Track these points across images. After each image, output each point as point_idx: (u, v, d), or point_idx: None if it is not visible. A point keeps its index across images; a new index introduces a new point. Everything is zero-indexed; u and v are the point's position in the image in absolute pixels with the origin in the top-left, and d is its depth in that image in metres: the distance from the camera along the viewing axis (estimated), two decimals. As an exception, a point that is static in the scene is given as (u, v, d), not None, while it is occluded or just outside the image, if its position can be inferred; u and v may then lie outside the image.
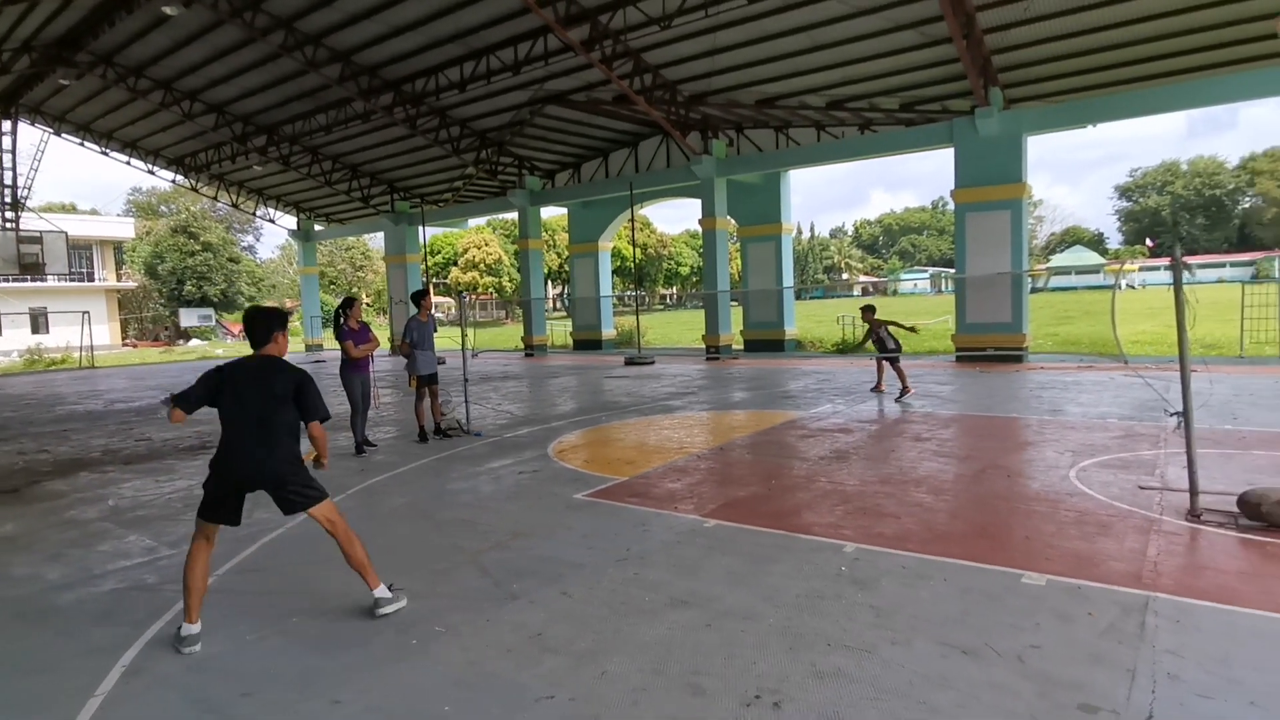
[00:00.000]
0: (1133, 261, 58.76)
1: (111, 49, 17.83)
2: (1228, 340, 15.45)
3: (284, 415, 3.73)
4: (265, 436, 3.69)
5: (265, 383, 3.73)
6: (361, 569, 3.80)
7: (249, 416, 3.70)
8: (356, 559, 3.78)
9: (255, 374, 3.76)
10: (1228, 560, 4.06)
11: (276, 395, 3.71)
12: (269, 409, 3.70)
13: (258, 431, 3.69)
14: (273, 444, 3.69)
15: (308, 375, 3.85)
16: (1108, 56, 13.78)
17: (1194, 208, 75.05)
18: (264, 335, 3.86)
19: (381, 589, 3.81)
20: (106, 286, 42.12)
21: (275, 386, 3.73)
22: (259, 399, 3.70)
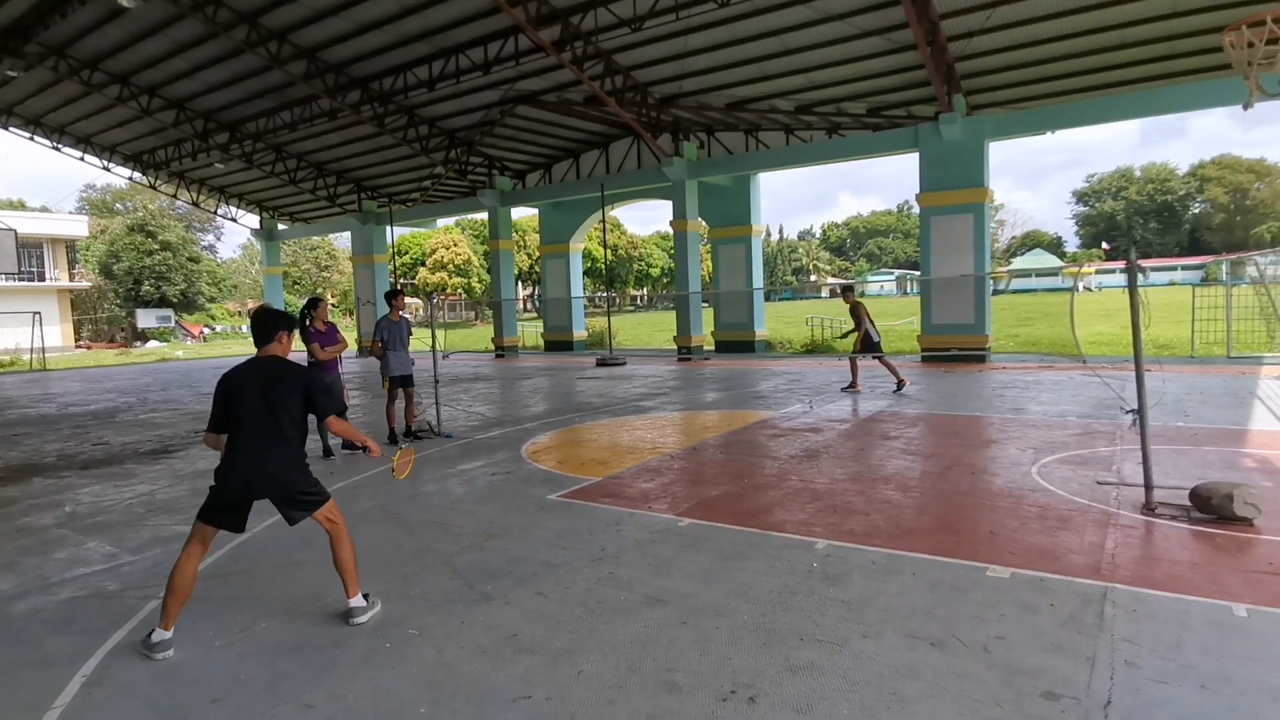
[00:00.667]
0: (1090, 265, 60.42)
1: (63, 41, 17.28)
2: (1179, 341, 15.97)
3: (288, 417, 3.64)
4: (269, 440, 3.60)
5: (268, 385, 3.65)
6: (345, 574, 3.74)
7: (253, 420, 3.61)
8: (344, 561, 3.73)
9: (257, 377, 3.69)
10: (1180, 551, 4.22)
11: (280, 397, 3.64)
12: (272, 411, 3.61)
13: (262, 435, 3.60)
14: (277, 447, 3.61)
15: (312, 373, 3.81)
16: (1066, 65, 14.19)
17: (1147, 213, 77.43)
18: (268, 335, 3.79)
19: (359, 599, 3.75)
20: (59, 286, 40.83)
21: (279, 388, 3.65)
22: (262, 402, 3.62)
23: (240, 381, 3.67)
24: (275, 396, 3.62)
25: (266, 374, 3.69)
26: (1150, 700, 2.70)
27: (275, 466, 3.59)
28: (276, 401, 3.62)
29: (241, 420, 3.61)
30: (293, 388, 3.67)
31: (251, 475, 3.57)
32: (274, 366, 3.72)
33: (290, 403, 3.64)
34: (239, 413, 3.62)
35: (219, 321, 51.28)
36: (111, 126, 22.74)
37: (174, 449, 8.90)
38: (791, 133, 18.20)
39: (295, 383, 3.68)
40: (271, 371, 3.70)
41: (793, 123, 17.81)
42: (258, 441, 3.59)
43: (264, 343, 3.80)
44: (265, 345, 3.79)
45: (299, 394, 3.67)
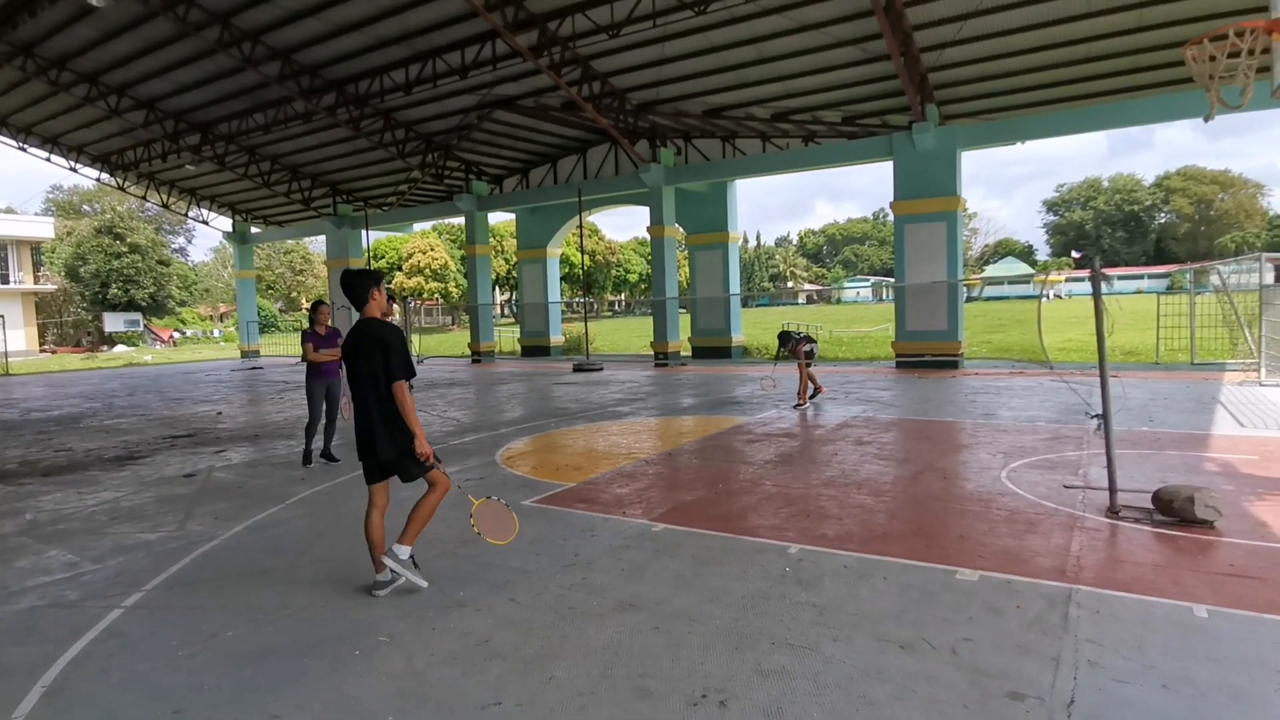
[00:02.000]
0: (1059, 273, 61.53)
1: (31, 40, 16.94)
2: (1145, 348, 16.33)
3: (387, 374, 3.89)
4: (369, 401, 3.91)
5: (362, 344, 3.93)
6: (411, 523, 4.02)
7: (362, 382, 3.93)
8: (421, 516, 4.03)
9: (355, 337, 3.99)
10: (1143, 554, 4.30)
11: (370, 361, 3.90)
12: (368, 372, 3.90)
13: (373, 398, 3.91)
14: (374, 408, 3.90)
15: (397, 335, 3.99)
16: (1036, 78, 14.49)
17: (1115, 222, 79.11)
18: (363, 296, 4.06)
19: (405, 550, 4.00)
20: (23, 289, 39.89)
21: (369, 352, 3.91)
22: (363, 362, 3.92)
23: (354, 342, 4.00)
24: (371, 355, 3.91)
25: (364, 334, 3.97)
26: (1113, 700, 2.74)
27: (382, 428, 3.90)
28: (372, 360, 3.90)
29: (355, 382, 3.96)
30: (378, 348, 3.91)
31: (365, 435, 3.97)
32: (369, 326, 4.00)
33: (379, 364, 3.90)
34: (352, 375, 3.97)
35: (189, 326, 50.40)
36: (79, 126, 22.30)
37: (140, 455, 8.72)
38: (768, 140, 18.35)
39: (378, 341, 3.92)
40: (367, 332, 3.97)
41: (769, 130, 17.97)
42: (366, 403, 3.93)
43: (360, 305, 4.07)
44: (362, 306, 4.07)
45: (379, 351, 3.91)
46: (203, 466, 7.92)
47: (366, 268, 4.32)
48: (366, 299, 4.06)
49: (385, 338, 3.92)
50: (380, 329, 3.98)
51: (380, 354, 3.88)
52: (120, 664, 3.36)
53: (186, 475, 7.49)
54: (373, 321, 4.05)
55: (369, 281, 4.07)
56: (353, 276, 4.09)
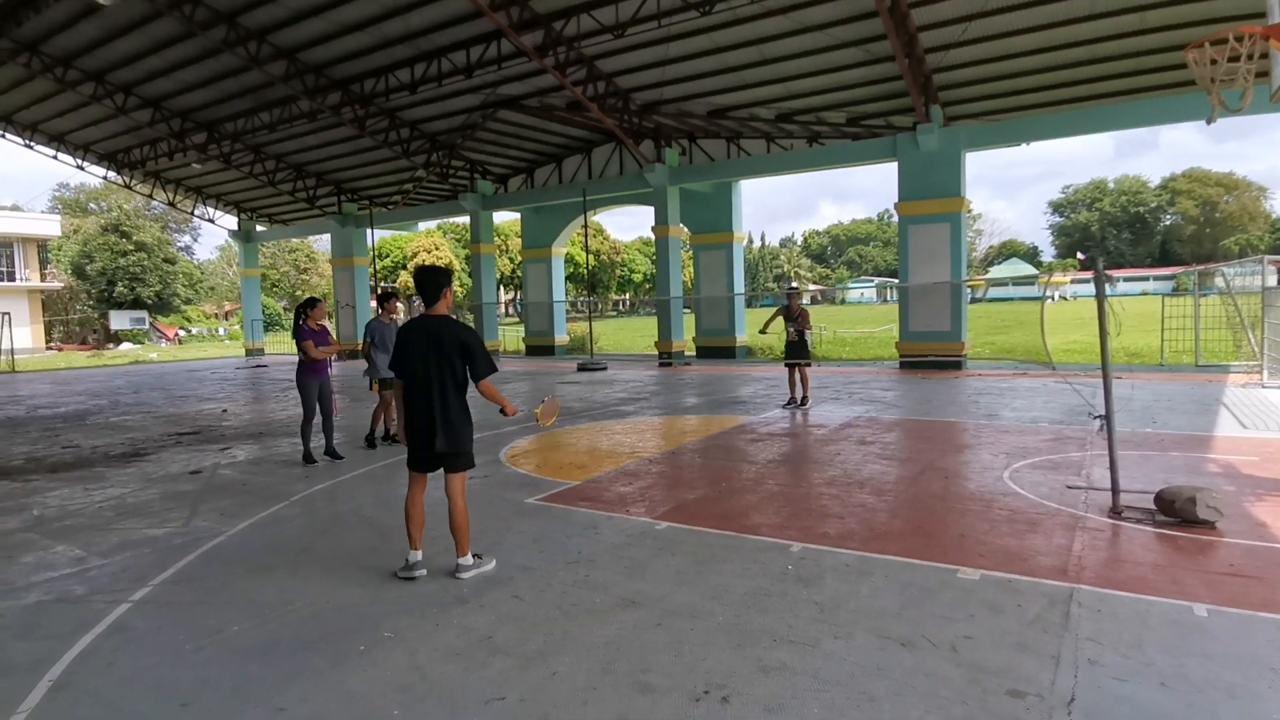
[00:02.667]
0: (1063, 274, 61.38)
1: (36, 37, 16.99)
2: (1149, 349, 16.29)
3: (456, 373, 4.06)
4: (432, 394, 4.04)
5: (436, 341, 4.04)
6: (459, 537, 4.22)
7: (427, 377, 4.05)
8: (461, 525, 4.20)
9: (426, 332, 4.09)
10: (1144, 554, 4.31)
11: (448, 354, 4.02)
12: (444, 369, 4.03)
13: (435, 392, 4.05)
14: (447, 404, 4.05)
15: (476, 335, 4.13)
16: (1040, 79, 14.47)
17: (1120, 224, 78.88)
18: (434, 293, 4.16)
19: (467, 558, 4.23)
20: (29, 287, 40.04)
21: (438, 348, 4.03)
22: (433, 359, 4.04)
23: (418, 336, 4.11)
24: (441, 353, 4.03)
25: (436, 331, 4.08)
26: (1112, 697, 2.76)
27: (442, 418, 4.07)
28: (442, 357, 4.03)
29: (415, 376, 4.08)
30: (456, 344, 4.05)
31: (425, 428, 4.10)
32: (442, 324, 4.11)
33: (453, 359, 4.04)
34: (413, 368, 4.09)
35: (195, 324, 50.56)
36: (85, 125, 22.38)
37: (146, 452, 8.77)
38: (772, 140, 18.36)
39: (457, 340, 4.06)
40: (440, 329, 4.09)
41: (773, 131, 17.97)
42: (427, 395, 4.06)
43: (432, 302, 4.18)
44: (433, 304, 4.18)
45: (460, 351, 4.06)
46: (208, 464, 7.96)
47: (442, 266, 4.43)
48: (439, 296, 4.17)
49: (466, 340, 4.09)
50: (459, 330, 4.12)
51: (459, 355, 4.07)
52: (126, 658, 3.39)
53: (192, 472, 7.53)
54: (447, 320, 4.16)
55: (445, 279, 4.21)
56: (431, 273, 4.20)
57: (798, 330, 10.51)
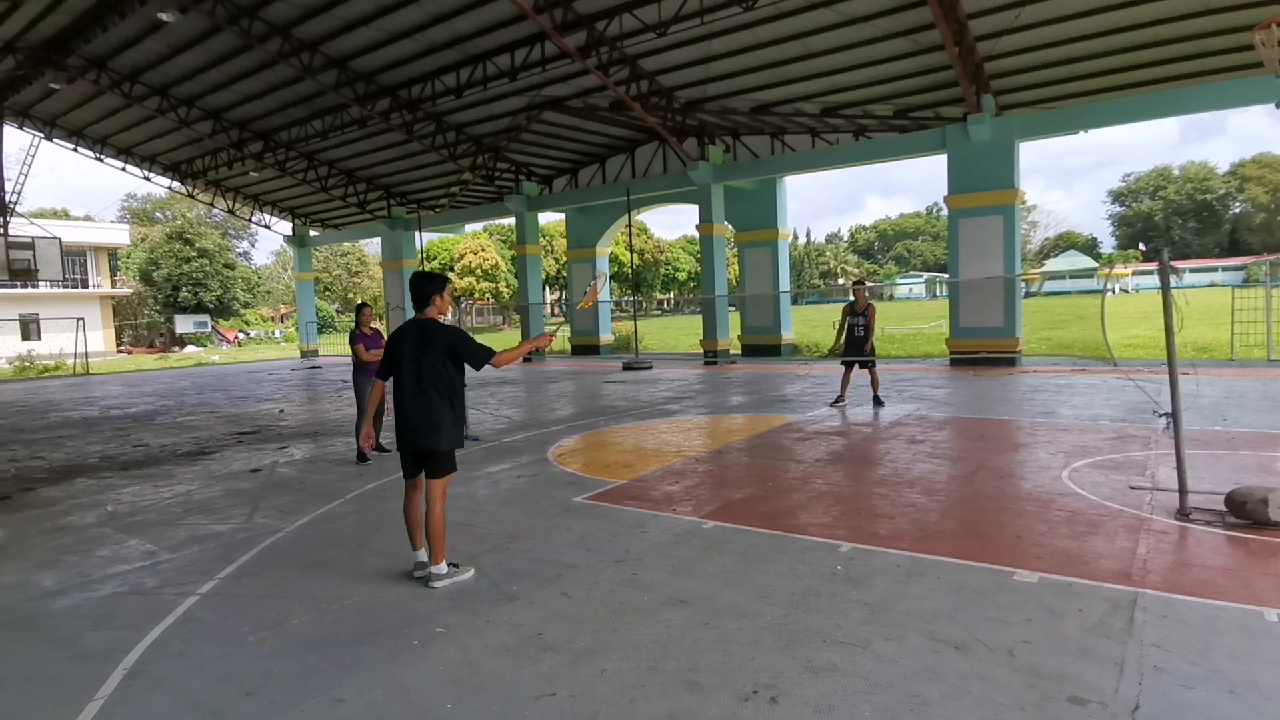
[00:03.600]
0: (1124, 266, 59.09)
1: (104, 53, 17.81)
2: (1219, 344, 15.57)
3: (439, 375, 4.10)
4: (422, 397, 4.09)
5: (422, 344, 4.11)
6: (433, 544, 4.21)
7: (410, 378, 4.12)
8: (438, 532, 4.20)
9: (414, 337, 4.17)
10: (1214, 557, 4.13)
11: (432, 356, 4.08)
12: (425, 370, 4.08)
13: (416, 392, 4.10)
14: (429, 404, 4.08)
15: (458, 330, 4.19)
16: (1098, 64, 13.94)
17: (1186, 212, 75.49)
18: (422, 299, 4.24)
19: (441, 566, 4.22)
20: (101, 293, 41.99)
21: (430, 348, 4.10)
22: (416, 361, 4.11)
23: (404, 340, 4.19)
24: (427, 355, 4.10)
25: (421, 334, 4.16)
26: (1178, 705, 2.66)
27: (425, 419, 4.09)
28: (428, 360, 4.09)
29: (400, 378, 4.16)
30: (441, 346, 4.11)
31: (408, 430, 4.14)
32: (427, 327, 4.17)
33: (439, 360, 4.09)
34: (399, 371, 4.17)
35: (252, 326, 52.33)
36: (152, 137, 23.38)
37: (210, 451, 9.13)
38: (817, 135, 18.11)
39: (443, 341, 4.12)
40: (424, 332, 4.15)
41: (818, 125, 17.73)
42: (411, 398, 4.12)
43: (421, 307, 4.25)
44: (423, 309, 4.25)
45: (447, 351, 4.11)
46: (267, 462, 8.24)
47: (436, 273, 4.44)
48: (429, 302, 4.23)
49: (452, 341, 4.12)
50: (445, 332, 4.16)
51: (447, 356, 4.10)
52: (195, 648, 3.54)
53: (252, 470, 7.81)
54: (431, 323, 4.21)
55: (436, 286, 4.26)
56: (422, 279, 4.29)
57: (864, 326, 10.08)
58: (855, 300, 10.26)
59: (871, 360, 10.27)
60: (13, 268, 22.45)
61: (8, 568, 4.90)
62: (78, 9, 15.62)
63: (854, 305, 10.24)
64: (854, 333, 10.15)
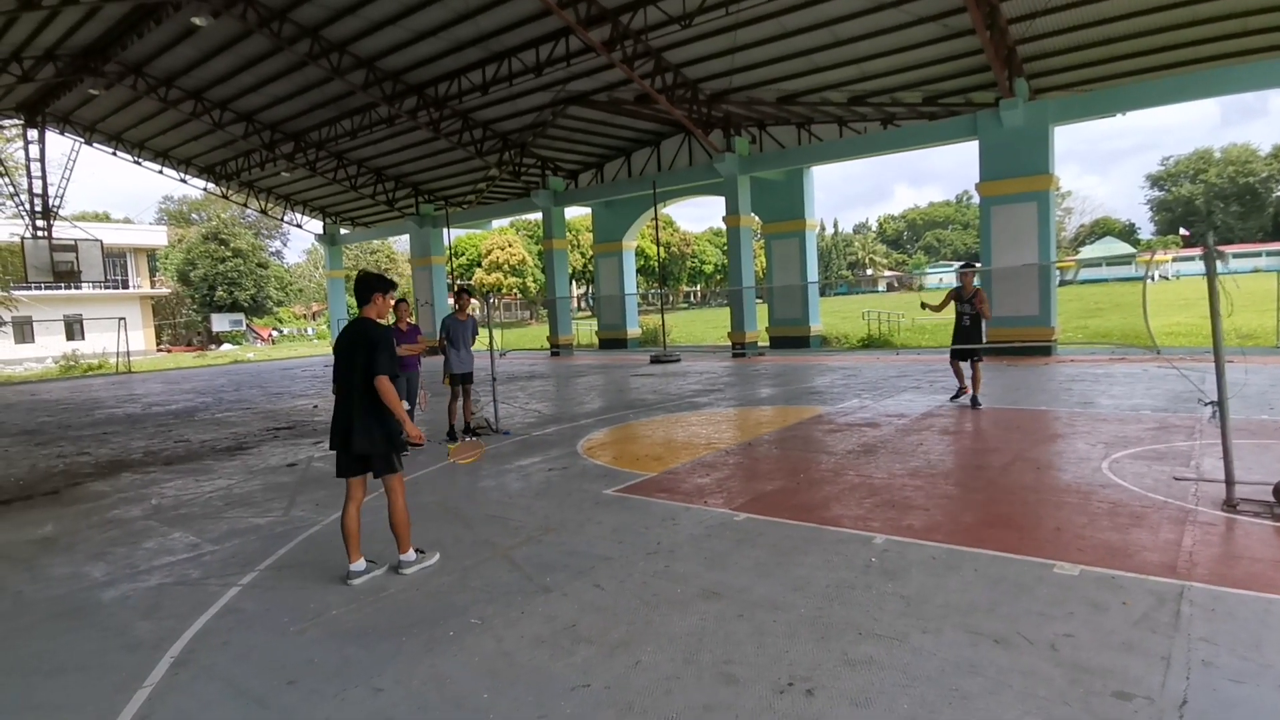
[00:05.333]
0: (1165, 251, 57.49)
1: (140, 59, 18.23)
2: (1264, 330, 15.11)
3: (361, 377, 4.11)
4: (349, 395, 4.13)
5: (352, 342, 4.18)
6: (399, 534, 4.32)
7: (342, 376, 4.19)
8: (401, 522, 4.29)
9: (347, 335, 4.23)
10: (1263, 549, 4.01)
11: (359, 356, 4.12)
12: (349, 367, 4.14)
13: (347, 391, 4.15)
14: (357, 405, 4.11)
15: (383, 334, 4.15)
16: (1136, 44, 13.54)
17: (1228, 196, 73.14)
18: (362, 297, 4.29)
19: (409, 553, 4.35)
20: (141, 293, 43.09)
21: (353, 351, 4.14)
22: (348, 359, 4.18)
23: (341, 339, 4.26)
24: (354, 353, 4.14)
25: (352, 332, 4.21)
26: (1227, 700, 2.59)
27: (357, 421, 4.11)
28: (355, 358, 4.13)
29: (336, 376, 4.24)
30: (363, 345, 4.12)
31: (340, 428, 4.18)
32: (358, 325, 4.22)
33: (361, 361, 4.10)
34: (336, 369, 4.25)
35: (286, 324, 53.30)
36: (186, 140, 23.90)
37: (248, 446, 9.32)
38: (845, 125, 17.89)
39: (364, 340, 4.13)
40: (356, 330, 4.21)
41: (846, 114, 17.50)
42: (344, 396, 4.17)
43: (361, 304, 4.30)
44: (362, 307, 4.29)
45: (364, 350, 4.11)
46: (303, 457, 8.40)
47: (381, 274, 4.45)
48: (368, 300, 4.27)
49: (371, 337, 4.11)
50: (369, 328, 4.16)
51: (364, 351, 4.09)
52: (239, 638, 3.62)
53: (289, 465, 7.96)
54: (365, 321, 4.23)
55: (376, 286, 4.28)
56: (369, 276, 4.32)
57: (971, 314, 9.10)
58: (963, 286, 9.23)
59: (978, 355, 9.21)
60: (57, 269, 23.17)
61: (59, 560, 5.06)
62: (114, 16, 16.00)
63: (960, 291, 9.22)
64: (961, 321, 9.22)
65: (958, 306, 9.28)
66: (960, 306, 9.24)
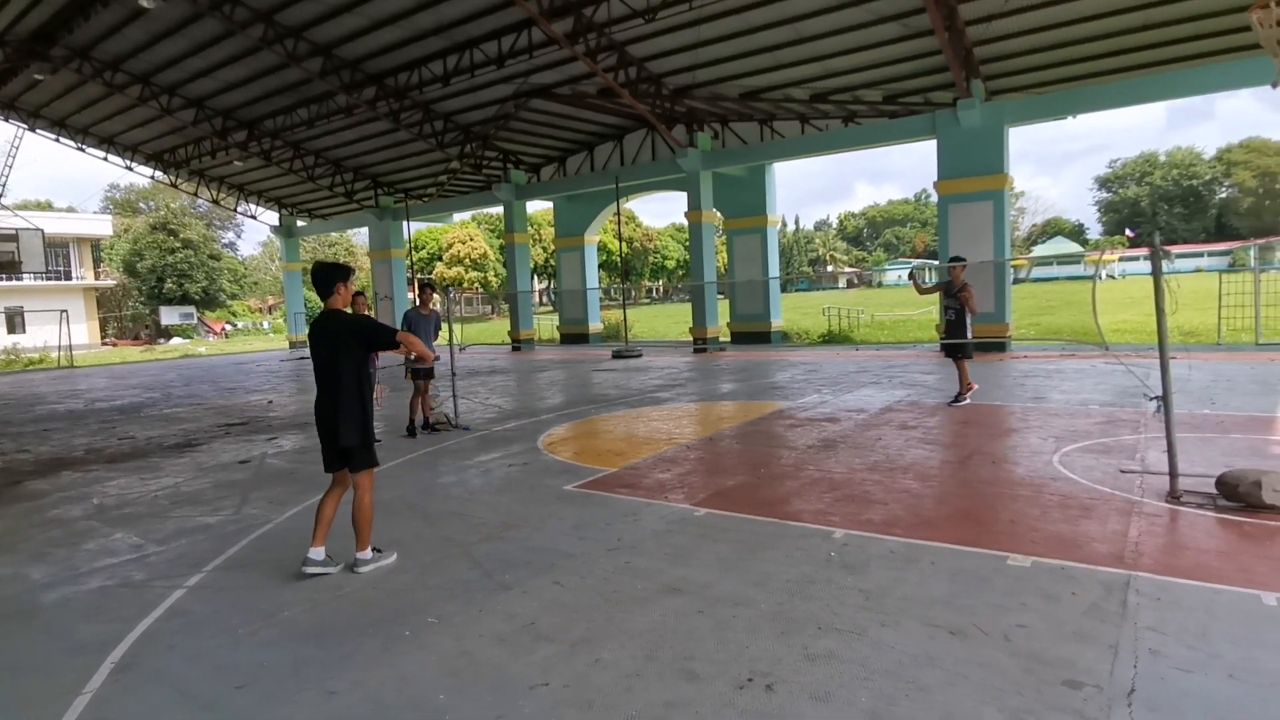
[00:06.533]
0: (1112, 251, 59.39)
1: (87, 43, 17.50)
2: (1206, 328, 15.69)
3: (347, 365, 4.08)
4: (332, 389, 4.09)
5: (329, 337, 4.10)
6: (359, 530, 4.24)
7: (320, 370, 4.13)
8: (365, 519, 4.22)
9: (321, 329, 4.16)
10: (1206, 540, 4.15)
11: (336, 345, 4.06)
12: (332, 360, 4.08)
13: (327, 384, 4.12)
14: (337, 396, 4.07)
15: (362, 316, 4.21)
16: (1088, 48, 13.91)
17: (1172, 198, 75.85)
18: (325, 289, 4.19)
19: (366, 552, 4.27)
20: (85, 285, 41.54)
21: (333, 343, 4.09)
22: (323, 352, 4.11)
23: (313, 332, 4.19)
24: (333, 345, 4.09)
25: (325, 325, 4.15)
26: (1176, 689, 2.66)
27: (335, 413, 4.09)
28: (333, 350, 4.08)
29: (315, 370, 4.18)
30: (344, 333, 4.09)
31: (321, 420, 4.16)
32: (331, 317, 4.15)
33: (345, 350, 4.07)
34: (314, 363, 4.18)
35: (240, 318, 51.92)
36: (133, 126, 23.02)
37: (198, 442, 9.04)
38: (807, 122, 18.04)
39: (346, 328, 4.10)
40: (329, 322, 4.14)
41: (808, 111, 17.65)
42: (323, 390, 4.14)
43: (325, 298, 4.21)
44: (326, 299, 4.21)
45: (351, 338, 4.09)
46: (256, 453, 8.17)
47: (337, 262, 4.37)
48: (332, 291, 4.17)
49: (356, 327, 4.12)
50: (349, 320, 4.15)
51: (355, 343, 4.09)
52: (186, 640, 3.50)
53: (241, 462, 7.73)
54: (338, 313, 4.17)
55: (336, 276, 4.19)
56: (321, 269, 4.20)
57: (956, 309, 8.87)
58: (951, 280, 9.02)
59: (964, 352, 9.02)
60: (-3, 260, 22.12)
61: None
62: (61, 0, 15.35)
63: (949, 285, 9.05)
64: (946, 316, 9.07)
65: (944, 300, 9.35)
66: (946, 300, 9.26)
